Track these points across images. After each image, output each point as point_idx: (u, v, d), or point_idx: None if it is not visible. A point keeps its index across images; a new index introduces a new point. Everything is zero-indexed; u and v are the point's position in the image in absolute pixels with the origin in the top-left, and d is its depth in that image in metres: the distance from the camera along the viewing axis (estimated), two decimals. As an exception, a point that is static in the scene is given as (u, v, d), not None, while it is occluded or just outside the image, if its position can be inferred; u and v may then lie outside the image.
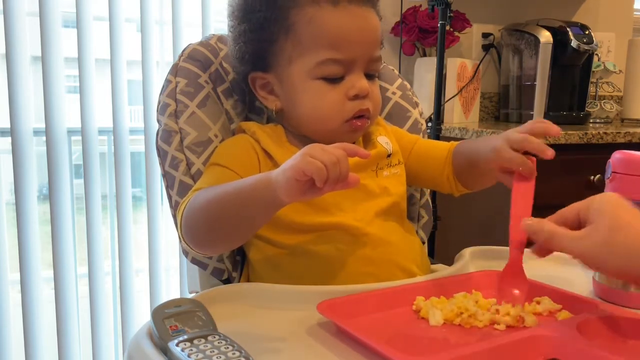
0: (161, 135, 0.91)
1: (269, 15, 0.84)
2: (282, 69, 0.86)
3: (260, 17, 0.85)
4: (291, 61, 0.84)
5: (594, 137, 1.67)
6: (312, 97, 0.84)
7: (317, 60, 0.82)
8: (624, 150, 0.75)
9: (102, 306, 1.86)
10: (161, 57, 1.84)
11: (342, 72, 0.83)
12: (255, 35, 0.86)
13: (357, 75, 0.84)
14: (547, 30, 2.00)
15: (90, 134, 1.76)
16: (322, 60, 0.82)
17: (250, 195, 0.70)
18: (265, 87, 0.89)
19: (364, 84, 0.83)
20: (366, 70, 0.85)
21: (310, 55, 0.83)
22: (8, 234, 1.79)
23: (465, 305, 0.67)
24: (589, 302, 0.68)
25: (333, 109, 0.84)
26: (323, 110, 0.84)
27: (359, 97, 0.84)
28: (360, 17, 0.83)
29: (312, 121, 0.86)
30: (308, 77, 0.84)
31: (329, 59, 0.82)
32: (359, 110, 0.84)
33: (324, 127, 0.86)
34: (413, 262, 0.86)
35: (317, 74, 0.83)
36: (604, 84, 2.33)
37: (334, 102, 0.83)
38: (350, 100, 0.83)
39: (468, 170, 0.90)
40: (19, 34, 1.67)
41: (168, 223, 1.89)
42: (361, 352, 0.59)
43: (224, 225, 0.74)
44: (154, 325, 0.58)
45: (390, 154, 0.92)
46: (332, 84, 0.83)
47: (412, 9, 2.00)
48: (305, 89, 0.84)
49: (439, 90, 1.65)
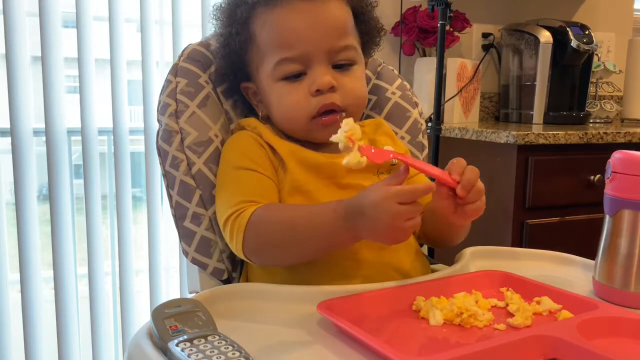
0: (162, 135, 0.91)
1: (234, 30, 0.87)
2: (255, 77, 0.89)
3: (226, 33, 0.89)
4: (258, 69, 0.88)
5: (594, 137, 1.67)
6: (277, 99, 0.86)
7: (273, 62, 0.84)
8: (624, 150, 0.75)
9: (102, 306, 1.86)
10: (161, 57, 1.84)
11: (300, 69, 0.84)
12: (227, 51, 0.89)
13: (319, 69, 0.83)
14: (547, 30, 2.00)
15: (90, 134, 1.76)
16: (277, 61, 0.84)
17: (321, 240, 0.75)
18: (255, 95, 0.92)
19: (325, 78, 0.83)
20: (333, 62, 0.85)
21: (268, 59, 0.85)
22: (8, 234, 1.79)
23: (465, 305, 0.67)
24: (589, 302, 0.68)
25: (297, 108, 0.84)
26: (288, 110, 0.85)
27: (322, 92, 0.83)
28: (307, 11, 0.83)
29: (283, 122, 0.88)
30: (272, 80, 0.86)
31: (283, 58, 0.83)
32: (323, 105, 0.83)
33: (294, 127, 0.87)
34: (411, 267, 0.86)
35: (277, 76, 0.85)
36: (604, 84, 2.33)
37: (297, 100, 0.84)
38: (313, 97, 0.83)
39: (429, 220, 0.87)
40: (19, 34, 1.67)
41: (168, 223, 1.89)
42: (361, 352, 0.59)
43: (291, 253, 0.78)
44: (154, 325, 0.58)
45: (395, 164, 0.91)
46: (294, 82, 0.84)
47: (412, 9, 2.00)
48: (272, 93, 0.86)
49: (439, 90, 1.64)
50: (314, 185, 0.84)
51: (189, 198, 0.89)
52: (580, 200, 1.69)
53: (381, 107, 1.06)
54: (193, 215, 0.89)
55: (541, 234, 1.65)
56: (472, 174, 0.72)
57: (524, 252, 0.93)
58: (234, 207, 0.79)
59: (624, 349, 0.61)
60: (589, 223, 1.69)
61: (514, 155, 1.60)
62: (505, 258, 0.91)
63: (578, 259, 0.90)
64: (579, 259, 0.90)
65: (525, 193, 1.62)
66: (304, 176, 0.84)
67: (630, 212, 0.73)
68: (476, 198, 0.72)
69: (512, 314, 0.68)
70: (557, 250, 0.93)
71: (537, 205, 1.64)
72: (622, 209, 0.73)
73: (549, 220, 1.66)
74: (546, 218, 1.66)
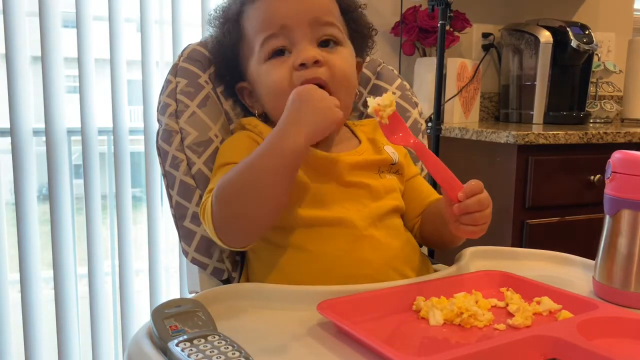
0: (162, 135, 0.91)
1: (226, 29, 0.91)
2: (247, 72, 0.91)
3: (220, 35, 0.92)
4: (248, 61, 0.90)
5: (594, 137, 1.67)
6: (266, 78, 0.87)
7: (259, 44, 0.86)
8: (624, 150, 0.75)
9: (102, 306, 1.86)
10: (161, 57, 1.84)
11: (284, 43, 0.85)
12: (224, 49, 0.92)
13: (303, 45, 0.85)
14: (547, 30, 2.00)
15: (90, 134, 1.76)
16: (262, 41, 0.86)
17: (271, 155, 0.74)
18: (250, 95, 0.93)
19: (309, 52, 0.84)
20: (317, 38, 0.86)
21: (255, 45, 0.87)
22: (8, 234, 1.79)
23: (465, 305, 0.67)
24: (589, 302, 0.68)
25: (283, 82, 0.85)
26: (273, 87, 0.86)
27: (306, 66, 0.84)
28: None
29: (272, 104, 0.88)
30: (260, 63, 0.87)
31: (266, 36, 0.86)
32: (305, 79, 0.83)
33: (282, 105, 0.84)
34: (411, 269, 0.85)
35: (264, 56, 0.86)
36: (604, 84, 2.33)
37: (281, 77, 0.85)
38: (297, 71, 0.84)
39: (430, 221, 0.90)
40: (19, 34, 1.67)
41: (168, 223, 1.89)
42: (361, 352, 0.59)
43: (255, 194, 0.74)
44: (154, 325, 0.58)
45: (395, 163, 0.92)
46: (279, 59, 0.86)
47: (412, 8, 2.00)
48: (261, 75, 0.88)
49: (439, 90, 1.64)
50: (315, 184, 0.84)
51: (189, 198, 0.89)
52: (580, 200, 1.69)
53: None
54: (193, 215, 0.89)
55: (541, 234, 1.65)
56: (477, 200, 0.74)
57: (524, 252, 0.93)
58: (202, 200, 0.81)
59: (624, 349, 0.61)
60: (589, 223, 1.69)
61: (514, 155, 1.60)
62: (505, 258, 0.91)
63: (578, 259, 0.90)
64: (579, 259, 0.90)
65: (525, 193, 1.62)
66: (304, 174, 0.84)
67: (630, 212, 0.73)
68: (471, 222, 0.75)
69: (512, 314, 0.68)
70: (557, 250, 0.93)
71: (537, 205, 1.64)
72: (622, 209, 0.73)
73: (549, 220, 1.66)
74: (546, 218, 1.66)
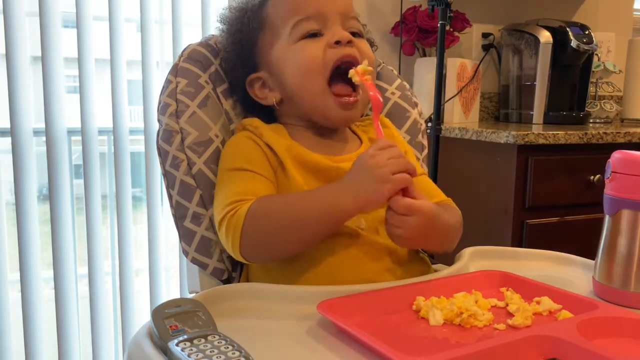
0: (162, 135, 0.91)
1: (247, 18, 0.90)
2: (268, 58, 0.89)
3: (238, 25, 0.92)
4: (272, 46, 0.89)
5: (594, 137, 1.67)
6: (298, 55, 0.86)
7: (290, 27, 0.86)
8: (623, 150, 0.75)
9: (102, 306, 1.86)
10: (161, 57, 1.84)
11: (318, 27, 0.86)
12: (240, 38, 0.91)
13: (335, 27, 0.86)
14: (547, 30, 2.00)
15: (90, 134, 1.76)
16: (294, 23, 0.86)
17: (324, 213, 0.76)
18: (263, 86, 0.92)
19: (344, 32, 0.85)
20: (345, 27, 0.87)
21: (284, 28, 0.87)
22: (8, 234, 1.79)
23: (465, 305, 0.67)
24: (589, 302, 0.68)
25: (317, 58, 0.85)
26: (308, 60, 0.85)
27: (341, 44, 0.85)
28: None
29: (300, 79, 0.87)
30: (289, 44, 0.87)
31: (299, 19, 0.86)
32: (342, 55, 0.84)
33: (311, 88, 0.86)
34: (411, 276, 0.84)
35: (296, 37, 0.86)
36: (604, 84, 2.33)
37: (315, 53, 0.85)
38: (332, 48, 0.85)
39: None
40: (19, 34, 1.67)
41: (168, 223, 1.89)
42: (361, 352, 0.59)
43: (293, 238, 0.77)
44: (154, 325, 0.58)
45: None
46: (312, 39, 0.86)
47: (412, 9, 2.00)
48: (290, 55, 0.87)
49: (439, 90, 1.64)
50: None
51: (189, 198, 0.89)
52: (580, 200, 1.69)
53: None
54: (193, 215, 0.89)
55: (541, 234, 1.65)
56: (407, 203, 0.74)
57: (524, 252, 0.93)
58: (229, 207, 0.79)
59: (624, 349, 0.61)
60: (589, 223, 1.69)
61: (514, 155, 1.60)
62: (505, 258, 0.91)
63: (578, 259, 0.90)
64: (579, 259, 0.90)
65: (525, 193, 1.62)
66: (305, 179, 0.83)
67: (629, 212, 0.73)
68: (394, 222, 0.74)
69: (512, 314, 0.68)
70: (557, 250, 0.93)
71: (537, 205, 1.64)
72: (622, 208, 0.73)
73: (549, 220, 1.66)
74: (546, 218, 1.66)
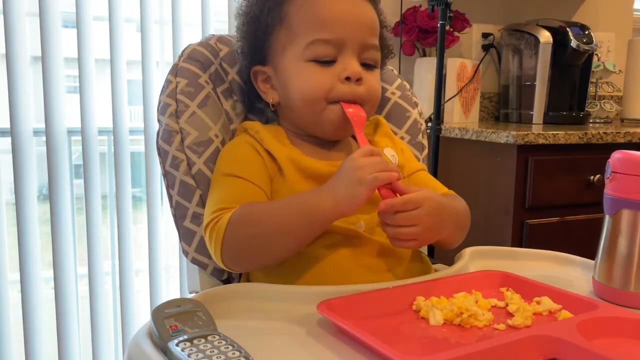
0: (162, 135, 0.91)
1: (265, 8, 0.87)
2: (278, 59, 0.88)
3: (256, 10, 0.88)
4: (285, 49, 0.86)
5: (593, 137, 1.67)
6: (302, 78, 0.84)
7: (307, 41, 0.83)
8: (623, 150, 0.75)
9: (102, 306, 1.86)
10: (161, 57, 1.84)
11: (333, 54, 0.83)
12: (253, 29, 0.89)
13: (349, 58, 0.84)
14: (547, 30, 2.00)
15: (90, 134, 1.76)
16: (312, 40, 0.83)
17: (304, 216, 0.76)
18: (266, 81, 0.91)
19: (357, 67, 0.83)
20: (361, 58, 0.85)
21: (301, 39, 0.84)
22: (8, 234, 1.79)
23: (465, 305, 0.67)
24: (589, 302, 0.68)
25: (321, 89, 0.83)
26: (311, 89, 0.84)
27: (350, 80, 0.83)
28: (350, 2, 0.85)
29: (298, 104, 0.86)
30: (300, 60, 0.84)
31: (318, 39, 0.83)
32: (351, 94, 0.83)
33: (308, 111, 0.85)
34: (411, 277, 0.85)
35: (308, 56, 0.84)
36: (604, 84, 2.33)
37: (322, 82, 0.83)
38: (341, 82, 0.83)
39: None
40: (19, 34, 1.67)
41: (168, 223, 1.89)
42: (361, 352, 0.59)
43: (275, 244, 0.77)
44: (154, 325, 0.58)
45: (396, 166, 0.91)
46: (324, 66, 0.84)
47: (412, 9, 2.00)
48: (297, 72, 0.85)
49: (439, 90, 1.64)
50: None
51: (189, 198, 0.89)
52: (580, 200, 1.69)
53: (381, 107, 1.06)
54: (193, 215, 0.89)
55: (541, 234, 1.65)
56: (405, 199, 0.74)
57: (524, 252, 0.93)
58: (214, 214, 0.79)
59: (624, 349, 0.61)
60: (589, 223, 1.69)
61: (514, 155, 1.60)
62: (505, 258, 0.91)
63: (578, 259, 0.90)
64: (579, 259, 0.90)
65: (525, 193, 1.62)
66: (304, 186, 0.83)
67: (629, 212, 0.73)
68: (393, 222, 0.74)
69: (512, 314, 0.68)
70: (557, 250, 0.93)
71: (537, 205, 1.64)
72: (622, 208, 0.73)
73: (549, 220, 1.66)
74: (546, 218, 1.66)
